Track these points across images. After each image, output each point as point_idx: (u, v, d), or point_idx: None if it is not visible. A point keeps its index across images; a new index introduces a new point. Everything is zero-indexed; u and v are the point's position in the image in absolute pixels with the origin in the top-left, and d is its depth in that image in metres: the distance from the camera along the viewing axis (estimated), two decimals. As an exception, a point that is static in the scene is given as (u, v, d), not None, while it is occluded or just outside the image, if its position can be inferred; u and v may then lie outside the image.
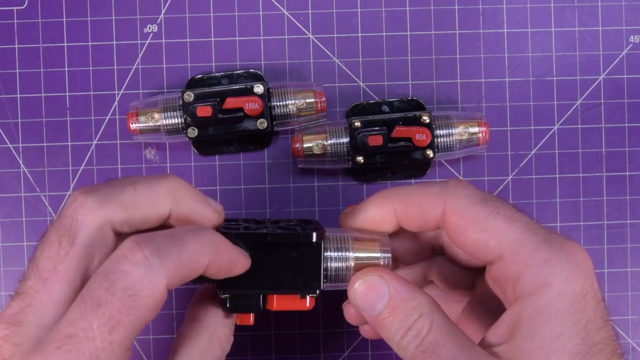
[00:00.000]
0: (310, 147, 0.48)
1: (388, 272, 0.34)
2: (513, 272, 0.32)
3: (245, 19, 0.51)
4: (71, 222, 0.32)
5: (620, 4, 0.52)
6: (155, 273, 0.30)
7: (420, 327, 0.33)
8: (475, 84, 0.52)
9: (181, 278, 0.31)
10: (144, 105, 0.48)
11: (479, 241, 0.33)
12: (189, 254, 0.31)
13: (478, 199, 0.34)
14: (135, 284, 0.30)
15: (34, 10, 0.51)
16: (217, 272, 0.33)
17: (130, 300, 0.30)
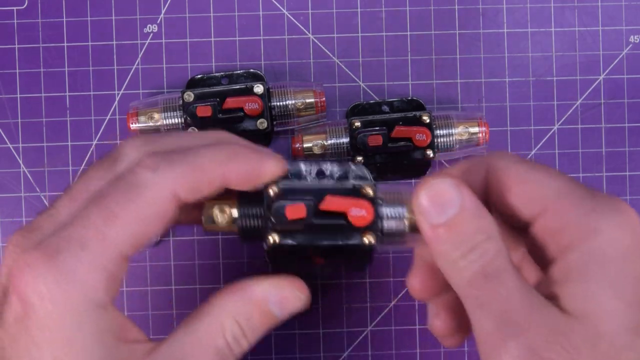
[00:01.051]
0: (310, 147, 0.48)
1: (463, 183, 0.31)
2: (558, 223, 0.30)
3: (245, 19, 0.51)
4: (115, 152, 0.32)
5: (620, 4, 0.52)
6: (161, 175, 0.30)
7: (487, 249, 0.30)
8: (475, 84, 0.52)
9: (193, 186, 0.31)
10: (144, 105, 0.48)
11: (522, 195, 0.31)
12: (198, 160, 0.31)
13: (518, 158, 0.32)
14: (139, 181, 0.29)
15: (34, 10, 0.51)
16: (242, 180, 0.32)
17: (131, 194, 0.29)
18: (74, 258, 0.29)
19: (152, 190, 0.30)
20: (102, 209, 0.29)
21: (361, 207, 0.33)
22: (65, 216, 0.31)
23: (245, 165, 0.32)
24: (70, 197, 0.31)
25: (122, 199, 0.29)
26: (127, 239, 0.30)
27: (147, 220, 0.30)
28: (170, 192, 0.30)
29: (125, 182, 0.30)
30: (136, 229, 0.30)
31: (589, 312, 0.29)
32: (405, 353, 0.51)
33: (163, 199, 0.30)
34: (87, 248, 0.29)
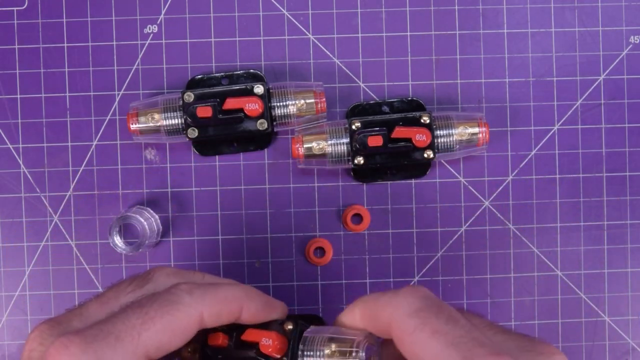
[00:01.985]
0: (310, 148, 0.48)
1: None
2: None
3: (245, 19, 0.51)
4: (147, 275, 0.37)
5: (620, 4, 0.52)
6: (194, 298, 0.35)
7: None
8: (475, 84, 0.52)
9: (217, 313, 0.36)
10: (144, 105, 0.48)
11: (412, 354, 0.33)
12: (224, 293, 0.36)
13: (413, 309, 0.33)
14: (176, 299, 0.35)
15: (34, 11, 0.51)
16: (255, 315, 0.38)
17: (168, 307, 0.34)
18: (109, 347, 0.33)
19: (187, 308, 0.35)
20: (142, 314, 0.34)
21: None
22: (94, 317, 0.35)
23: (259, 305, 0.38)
24: (101, 303, 0.36)
25: (160, 309, 0.34)
26: (156, 343, 0.34)
27: (176, 332, 0.35)
28: (200, 314, 0.35)
29: (164, 297, 0.35)
30: (165, 337, 0.34)
31: None
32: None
33: (193, 318, 0.35)
34: (122, 341, 0.33)
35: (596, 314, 0.52)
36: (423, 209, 0.51)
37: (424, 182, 0.52)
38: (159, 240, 0.51)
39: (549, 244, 0.52)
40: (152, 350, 0.34)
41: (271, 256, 0.51)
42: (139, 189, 0.51)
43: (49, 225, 0.51)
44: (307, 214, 0.51)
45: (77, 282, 0.51)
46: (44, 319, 0.42)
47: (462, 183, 0.52)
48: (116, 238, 0.49)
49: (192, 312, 0.35)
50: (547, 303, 0.52)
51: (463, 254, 0.51)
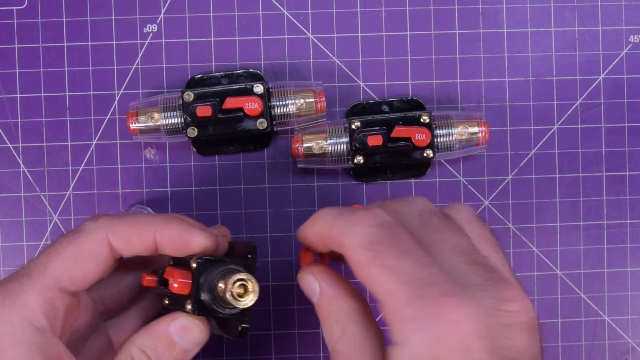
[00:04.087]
0: (310, 147, 0.48)
1: (323, 272, 0.36)
2: (387, 320, 0.32)
3: (245, 19, 0.51)
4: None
5: (620, 4, 0.52)
6: (98, 224, 0.37)
7: (334, 332, 0.34)
8: (475, 84, 0.52)
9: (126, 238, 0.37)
10: (144, 105, 0.48)
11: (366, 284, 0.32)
12: (134, 219, 0.38)
13: (367, 239, 0.32)
14: (81, 228, 0.37)
15: (34, 10, 0.51)
16: (170, 245, 0.38)
17: (73, 238, 0.36)
18: (18, 284, 0.35)
19: (90, 234, 0.36)
20: (50, 250, 0.36)
21: None
22: None
23: (175, 231, 0.38)
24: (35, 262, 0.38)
25: (65, 241, 0.36)
26: (64, 273, 0.36)
27: (84, 258, 0.36)
28: (104, 238, 0.37)
29: (71, 231, 0.37)
30: (73, 266, 0.36)
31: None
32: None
33: (97, 242, 0.36)
34: (30, 277, 0.35)
35: (596, 313, 0.52)
36: (423, 209, 0.51)
37: (424, 182, 0.52)
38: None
39: (549, 244, 0.52)
40: (63, 280, 0.36)
41: (271, 256, 0.51)
42: (139, 189, 0.51)
43: (49, 225, 0.51)
44: (307, 213, 0.51)
45: (77, 282, 0.51)
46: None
47: (462, 183, 0.52)
48: None
49: (96, 237, 0.36)
50: (547, 303, 0.52)
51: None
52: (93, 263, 0.36)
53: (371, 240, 0.32)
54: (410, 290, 0.31)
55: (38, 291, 0.35)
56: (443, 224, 0.35)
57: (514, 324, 0.31)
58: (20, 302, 0.34)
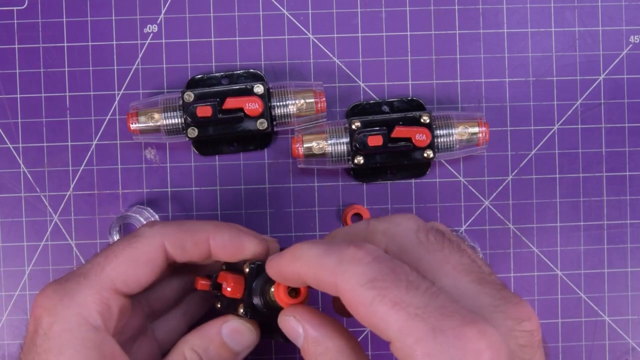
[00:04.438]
0: (310, 147, 0.48)
1: (305, 313, 0.35)
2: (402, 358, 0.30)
3: (245, 19, 0.51)
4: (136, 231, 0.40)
5: (620, 4, 0.52)
6: (154, 230, 0.38)
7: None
8: (475, 84, 0.52)
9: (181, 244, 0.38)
10: (144, 105, 0.48)
11: (371, 325, 0.31)
12: (188, 225, 0.39)
13: (367, 278, 0.30)
14: (137, 233, 0.38)
15: (34, 10, 0.51)
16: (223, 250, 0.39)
17: (130, 242, 0.38)
18: (75, 283, 0.36)
19: (147, 240, 0.38)
20: (107, 252, 0.37)
21: None
22: None
23: (227, 236, 0.39)
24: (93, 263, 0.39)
25: (122, 245, 0.38)
26: (120, 275, 0.37)
27: (139, 262, 0.37)
28: (161, 244, 0.38)
29: (128, 235, 0.38)
30: (129, 269, 0.37)
31: None
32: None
33: (153, 247, 0.38)
34: (86, 277, 0.36)
35: (596, 313, 0.52)
36: (423, 209, 0.51)
37: (424, 182, 0.52)
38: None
39: (549, 244, 0.52)
40: (118, 281, 0.37)
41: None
42: (139, 189, 0.51)
43: (48, 225, 0.51)
44: (307, 213, 0.51)
45: (77, 282, 0.51)
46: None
47: (462, 183, 0.52)
48: (116, 237, 0.49)
49: (152, 242, 0.38)
50: (547, 303, 0.52)
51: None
52: (148, 267, 0.38)
53: (371, 278, 0.30)
54: (426, 324, 0.29)
55: (94, 291, 0.36)
56: (441, 242, 0.34)
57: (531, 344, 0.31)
58: (77, 301, 0.36)
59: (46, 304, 0.36)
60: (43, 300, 0.36)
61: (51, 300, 0.36)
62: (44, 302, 0.36)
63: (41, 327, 0.35)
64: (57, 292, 0.36)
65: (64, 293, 0.36)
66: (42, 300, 0.36)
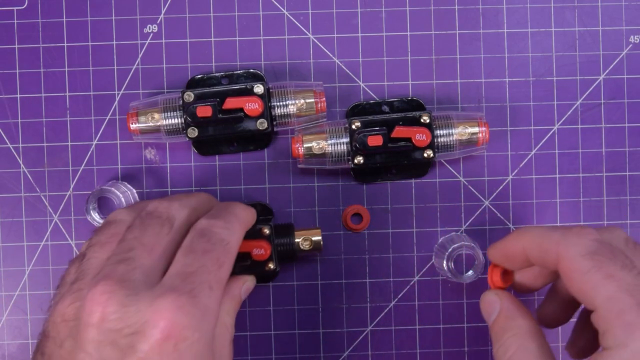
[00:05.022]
0: (310, 148, 0.48)
1: (505, 294, 0.42)
2: (602, 325, 0.35)
3: (245, 19, 0.51)
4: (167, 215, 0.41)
5: (620, 4, 0.52)
6: (235, 231, 0.41)
7: (508, 345, 0.39)
8: (475, 84, 0.52)
9: (245, 231, 0.43)
10: (144, 105, 0.48)
11: (581, 291, 0.36)
12: (243, 215, 0.43)
13: (587, 250, 0.36)
14: (225, 238, 0.40)
15: (34, 10, 0.51)
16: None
17: (227, 248, 0.40)
18: (207, 297, 0.37)
19: (233, 243, 0.41)
20: (214, 260, 0.39)
21: None
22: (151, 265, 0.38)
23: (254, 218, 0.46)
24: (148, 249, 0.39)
25: (223, 251, 0.39)
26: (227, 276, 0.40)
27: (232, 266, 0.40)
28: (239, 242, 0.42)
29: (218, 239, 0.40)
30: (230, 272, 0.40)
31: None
32: (405, 353, 0.51)
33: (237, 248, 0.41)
34: (213, 289, 0.37)
35: (596, 313, 0.52)
36: (423, 209, 0.51)
37: (424, 182, 0.52)
38: None
39: (549, 244, 0.52)
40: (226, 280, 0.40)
41: (271, 256, 0.51)
42: (139, 189, 0.51)
43: (48, 225, 0.51)
44: (307, 213, 0.51)
45: (77, 282, 0.51)
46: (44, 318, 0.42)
47: (462, 183, 0.52)
48: (93, 213, 0.48)
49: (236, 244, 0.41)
50: (547, 303, 0.52)
51: (463, 253, 0.51)
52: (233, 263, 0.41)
53: (591, 251, 0.36)
54: (632, 298, 0.34)
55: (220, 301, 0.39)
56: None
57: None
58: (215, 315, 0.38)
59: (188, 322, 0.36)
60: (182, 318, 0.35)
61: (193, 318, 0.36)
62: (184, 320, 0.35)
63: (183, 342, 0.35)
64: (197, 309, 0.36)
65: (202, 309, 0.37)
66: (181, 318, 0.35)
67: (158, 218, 0.41)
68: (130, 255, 0.38)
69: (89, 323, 0.35)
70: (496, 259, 0.43)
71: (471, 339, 0.52)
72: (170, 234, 0.40)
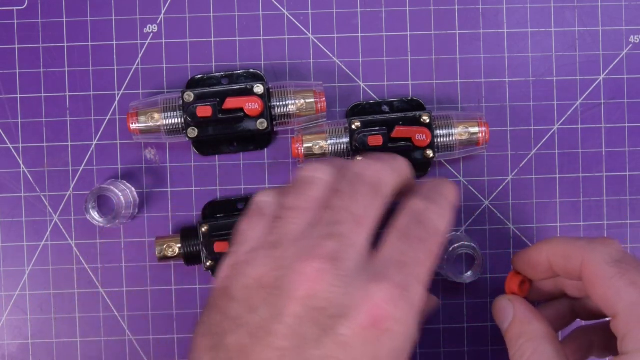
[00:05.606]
0: (310, 148, 0.48)
1: (517, 298, 0.43)
2: (622, 330, 0.36)
3: (245, 19, 0.51)
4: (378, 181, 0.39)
5: (620, 4, 0.52)
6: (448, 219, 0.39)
7: (525, 350, 0.39)
8: (475, 84, 0.52)
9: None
10: (144, 105, 0.48)
11: (603, 297, 0.37)
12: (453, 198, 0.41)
13: (612, 258, 0.37)
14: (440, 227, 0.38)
15: (34, 10, 0.51)
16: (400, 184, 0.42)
17: (440, 239, 0.38)
18: (417, 292, 0.36)
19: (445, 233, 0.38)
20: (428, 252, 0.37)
21: None
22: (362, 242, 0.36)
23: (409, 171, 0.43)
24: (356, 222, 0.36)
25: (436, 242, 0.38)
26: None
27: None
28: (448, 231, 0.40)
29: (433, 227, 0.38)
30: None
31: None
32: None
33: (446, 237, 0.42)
34: (421, 283, 0.36)
35: (596, 313, 0.52)
36: (423, 209, 0.51)
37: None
38: (136, 212, 0.50)
39: (549, 244, 0.52)
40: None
41: (271, 256, 0.51)
42: (139, 189, 0.51)
43: (48, 225, 0.51)
44: (307, 213, 0.51)
45: (77, 282, 0.51)
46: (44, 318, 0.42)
47: (462, 183, 0.52)
48: (93, 212, 0.48)
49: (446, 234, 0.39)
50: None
51: (463, 253, 0.51)
52: None
53: (616, 259, 0.37)
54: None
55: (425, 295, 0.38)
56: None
57: None
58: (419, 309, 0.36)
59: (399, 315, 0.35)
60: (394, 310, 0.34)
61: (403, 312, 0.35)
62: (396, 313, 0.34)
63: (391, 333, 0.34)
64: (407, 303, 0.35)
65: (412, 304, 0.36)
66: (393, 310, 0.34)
67: (370, 185, 0.38)
68: (341, 230, 0.36)
69: (294, 296, 0.33)
70: (519, 267, 0.44)
71: (471, 339, 0.52)
72: (383, 204, 0.38)
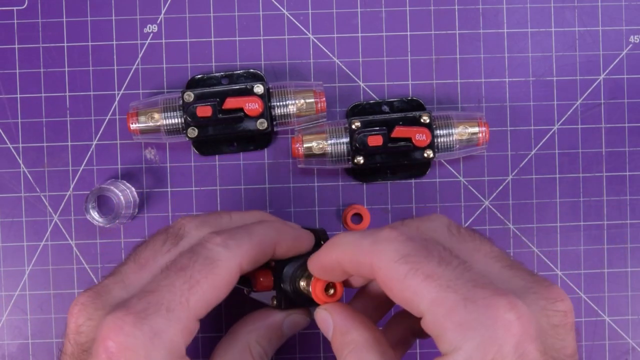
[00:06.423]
0: (310, 147, 0.48)
1: (336, 307, 0.38)
2: (433, 331, 0.31)
3: (245, 19, 0.51)
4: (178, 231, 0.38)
5: (620, 4, 0.52)
6: (232, 251, 0.36)
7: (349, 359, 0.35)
8: (475, 84, 0.52)
9: (254, 260, 0.37)
10: (144, 105, 0.48)
11: (403, 300, 0.32)
12: (258, 238, 0.38)
13: (400, 254, 0.32)
14: (215, 255, 0.35)
15: (34, 10, 0.51)
16: (287, 251, 0.40)
17: (210, 267, 0.35)
18: (162, 319, 0.33)
19: (226, 264, 0.36)
20: (186, 278, 0.35)
21: None
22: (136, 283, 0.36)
23: (290, 239, 0.40)
24: (139, 266, 0.37)
25: (203, 270, 0.35)
26: (204, 304, 0.35)
27: (221, 288, 0.36)
28: (238, 265, 0.36)
29: (203, 256, 0.36)
30: (211, 296, 0.35)
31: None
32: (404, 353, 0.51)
33: (233, 270, 0.36)
34: (173, 311, 0.33)
35: (596, 313, 0.52)
36: (423, 209, 0.51)
37: (424, 182, 0.52)
38: (136, 212, 0.50)
39: (549, 244, 0.52)
40: (201, 311, 0.35)
41: (271, 256, 0.51)
42: (139, 189, 0.51)
43: (48, 225, 0.51)
44: (307, 213, 0.51)
45: (77, 282, 0.51)
46: (44, 318, 0.42)
47: (462, 183, 0.52)
48: (92, 212, 0.48)
49: (232, 266, 0.36)
50: (547, 303, 0.52)
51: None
52: (227, 290, 0.36)
53: (404, 254, 0.32)
54: (457, 294, 0.30)
55: (182, 325, 0.34)
56: (472, 235, 0.35)
57: (563, 325, 0.31)
58: (167, 339, 0.33)
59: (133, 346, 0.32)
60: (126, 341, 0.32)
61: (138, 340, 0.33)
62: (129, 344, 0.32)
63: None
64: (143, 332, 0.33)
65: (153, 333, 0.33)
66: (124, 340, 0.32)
67: (164, 234, 0.38)
68: (120, 269, 0.37)
69: (66, 334, 0.35)
70: (316, 273, 0.39)
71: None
72: (172, 252, 0.37)
